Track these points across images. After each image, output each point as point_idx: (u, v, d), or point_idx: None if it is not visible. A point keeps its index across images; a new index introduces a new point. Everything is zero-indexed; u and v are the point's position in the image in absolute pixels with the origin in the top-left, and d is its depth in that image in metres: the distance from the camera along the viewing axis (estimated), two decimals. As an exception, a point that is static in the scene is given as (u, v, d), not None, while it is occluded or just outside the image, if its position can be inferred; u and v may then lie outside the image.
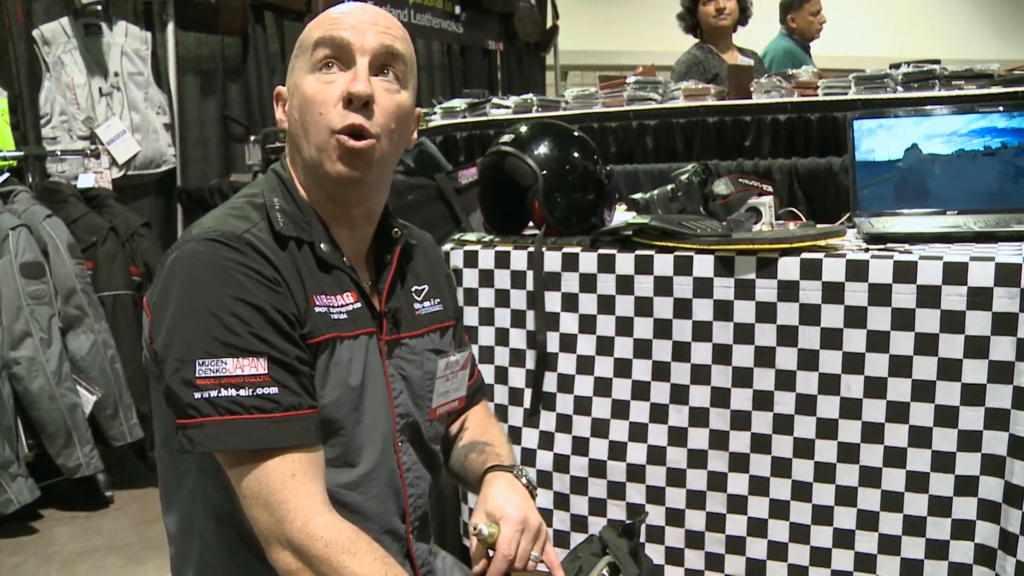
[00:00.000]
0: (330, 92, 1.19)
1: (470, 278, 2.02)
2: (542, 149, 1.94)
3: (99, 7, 3.90)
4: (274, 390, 1.10)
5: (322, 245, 1.23)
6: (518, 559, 1.24)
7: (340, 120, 1.18)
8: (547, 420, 1.96)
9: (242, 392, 1.08)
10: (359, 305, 1.24)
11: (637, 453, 1.88)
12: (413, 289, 1.37)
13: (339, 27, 1.20)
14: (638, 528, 1.45)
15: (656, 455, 1.86)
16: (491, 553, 1.25)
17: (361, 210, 1.27)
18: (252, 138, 4.41)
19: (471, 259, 2.02)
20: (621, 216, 2.12)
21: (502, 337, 2.00)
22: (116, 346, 3.35)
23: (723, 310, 1.78)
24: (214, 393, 1.07)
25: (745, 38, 4.20)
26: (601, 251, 1.89)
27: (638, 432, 1.88)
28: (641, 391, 1.87)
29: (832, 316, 1.70)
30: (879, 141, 2.07)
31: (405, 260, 1.37)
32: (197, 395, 1.07)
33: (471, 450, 1.43)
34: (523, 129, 1.99)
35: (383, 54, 1.21)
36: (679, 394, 1.84)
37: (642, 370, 1.87)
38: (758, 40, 4.68)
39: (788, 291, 1.73)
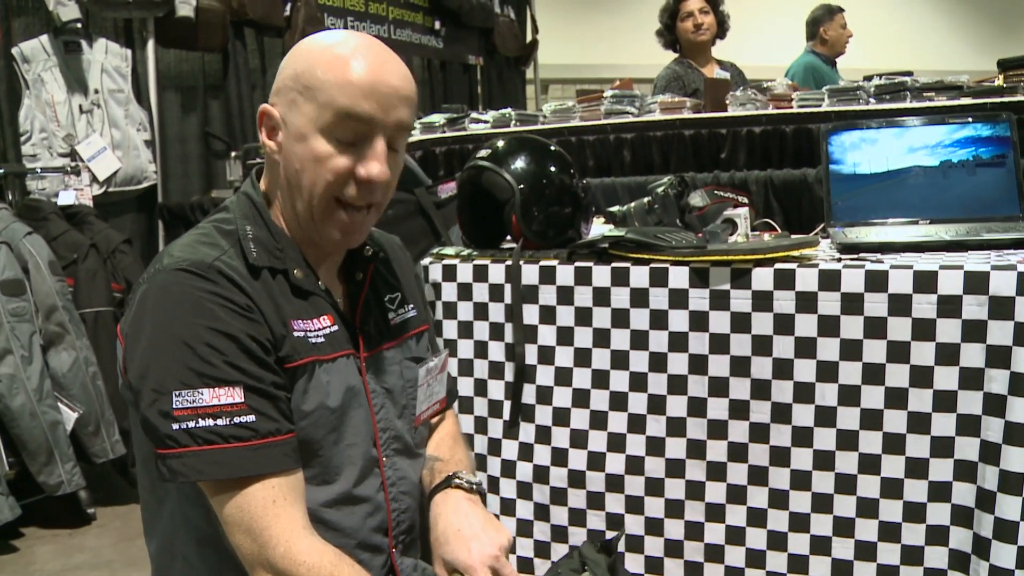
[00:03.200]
0: (343, 162, 1.18)
1: (448, 292, 2.04)
2: (519, 163, 1.95)
3: (79, 25, 3.90)
4: (251, 418, 1.10)
5: (296, 271, 1.23)
6: None
7: (347, 193, 1.19)
8: (526, 432, 1.97)
9: (219, 422, 1.09)
10: (336, 328, 1.25)
11: (615, 463, 1.89)
12: (387, 299, 1.38)
13: (366, 101, 1.17)
14: (616, 544, 1.46)
15: (634, 465, 1.87)
16: None
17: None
18: (233, 154, 4.42)
19: (449, 273, 2.04)
20: (598, 229, 2.13)
21: (481, 350, 2.01)
22: (98, 363, 3.34)
23: (699, 321, 1.80)
24: (192, 424, 1.08)
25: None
26: (578, 264, 1.90)
27: (616, 442, 1.89)
28: (619, 402, 1.88)
29: (806, 325, 1.72)
30: (852, 152, 2.09)
31: (376, 272, 1.38)
32: (175, 426, 1.08)
33: (424, 467, 1.42)
34: (500, 144, 2.01)
35: (396, 129, 1.21)
36: (656, 404, 1.85)
37: (619, 381, 1.88)
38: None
39: (762, 301, 1.75)
